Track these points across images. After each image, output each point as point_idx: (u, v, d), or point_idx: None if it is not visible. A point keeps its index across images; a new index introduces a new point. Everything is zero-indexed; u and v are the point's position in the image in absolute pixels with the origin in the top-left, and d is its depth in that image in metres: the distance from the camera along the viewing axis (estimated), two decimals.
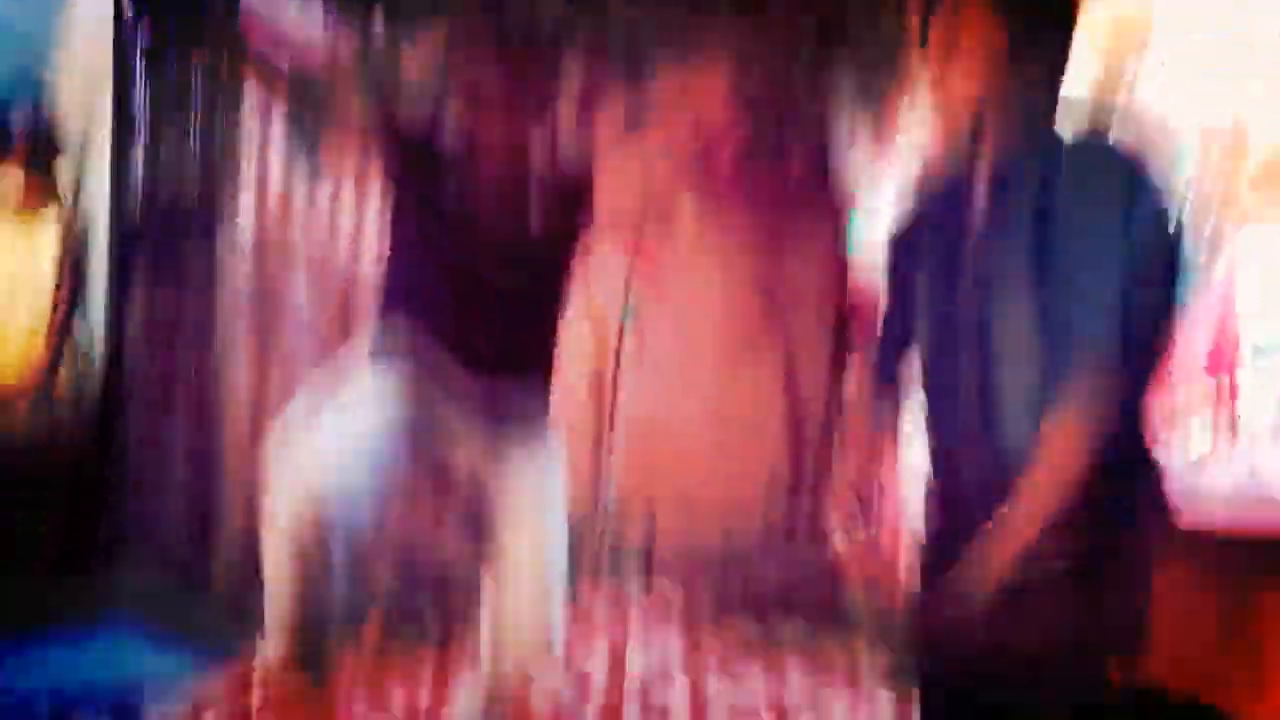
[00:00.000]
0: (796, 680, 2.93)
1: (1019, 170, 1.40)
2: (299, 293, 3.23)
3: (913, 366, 1.56)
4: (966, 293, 1.43)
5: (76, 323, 3.26)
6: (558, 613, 1.73)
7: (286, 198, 3.19)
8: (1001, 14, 1.42)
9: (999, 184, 1.42)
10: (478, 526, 1.77)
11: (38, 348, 3.14)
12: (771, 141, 3.42)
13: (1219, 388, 3.05)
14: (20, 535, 3.05)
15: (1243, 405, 3.02)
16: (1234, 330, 3.07)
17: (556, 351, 1.85)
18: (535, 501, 1.74)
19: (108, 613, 3.07)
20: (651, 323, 3.54)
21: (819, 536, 3.74)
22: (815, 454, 4.06)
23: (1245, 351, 3.10)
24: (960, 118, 1.46)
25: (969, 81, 1.43)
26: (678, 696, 2.76)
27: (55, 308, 3.15)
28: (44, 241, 3.19)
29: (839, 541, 1.89)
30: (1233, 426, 2.97)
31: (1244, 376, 3.04)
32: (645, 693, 2.79)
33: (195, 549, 3.12)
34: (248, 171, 3.15)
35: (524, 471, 1.75)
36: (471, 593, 1.79)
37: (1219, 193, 3.19)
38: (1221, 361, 3.06)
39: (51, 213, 3.23)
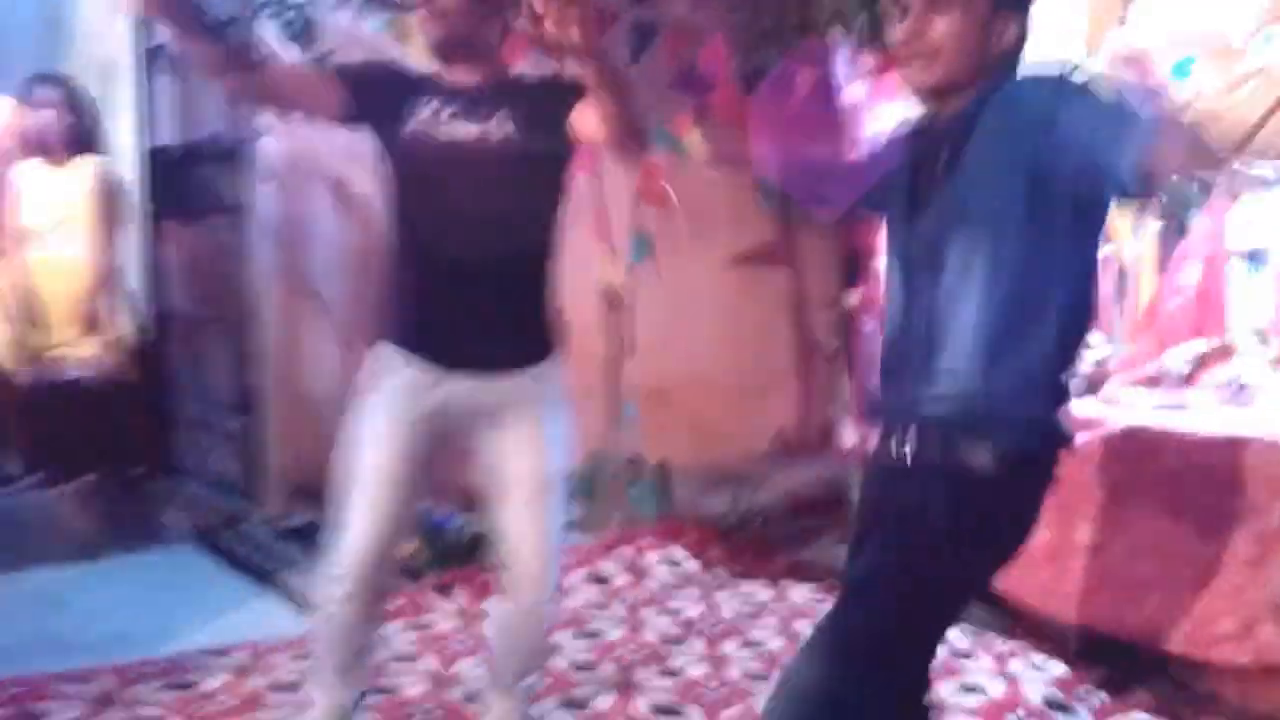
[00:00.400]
0: (803, 589, 3.10)
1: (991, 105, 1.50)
2: (326, 217, 3.34)
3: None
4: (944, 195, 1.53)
5: (118, 256, 3.39)
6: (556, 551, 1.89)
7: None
8: None
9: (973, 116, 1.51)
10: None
11: (87, 282, 3.28)
12: (773, 66, 3.47)
13: (1210, 304, 3.16)
14: (75, 461, 3.26)
15: (1231, 319, 3.13)
16: (1224, 246, 3.16)
17: (554, 307, 1.92)
18: (534, 441, 1.86)
19: (165, 536, 3.30)
20: (661, 249, 3.62)
21: (829, 445, 3.91)
22: (824, 362, 4.21)
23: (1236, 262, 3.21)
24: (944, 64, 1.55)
25: (948, 34, 1.51)
26: (692, 607, 2.95)
27: (99, 243, 3.28)
28: (82, 181, 3.30)
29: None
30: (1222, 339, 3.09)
31: (1234, 289, 3.15)
32: (662, 600, 2.99)
33: (241, 472, 3.31)
34: None
35: (526, 421, 1.86)
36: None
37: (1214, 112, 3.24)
38: (1213, 279, 3.16)
39: (87, 154, 3.33)
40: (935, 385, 1.48)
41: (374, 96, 1.83)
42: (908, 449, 1.50)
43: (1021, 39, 1.56)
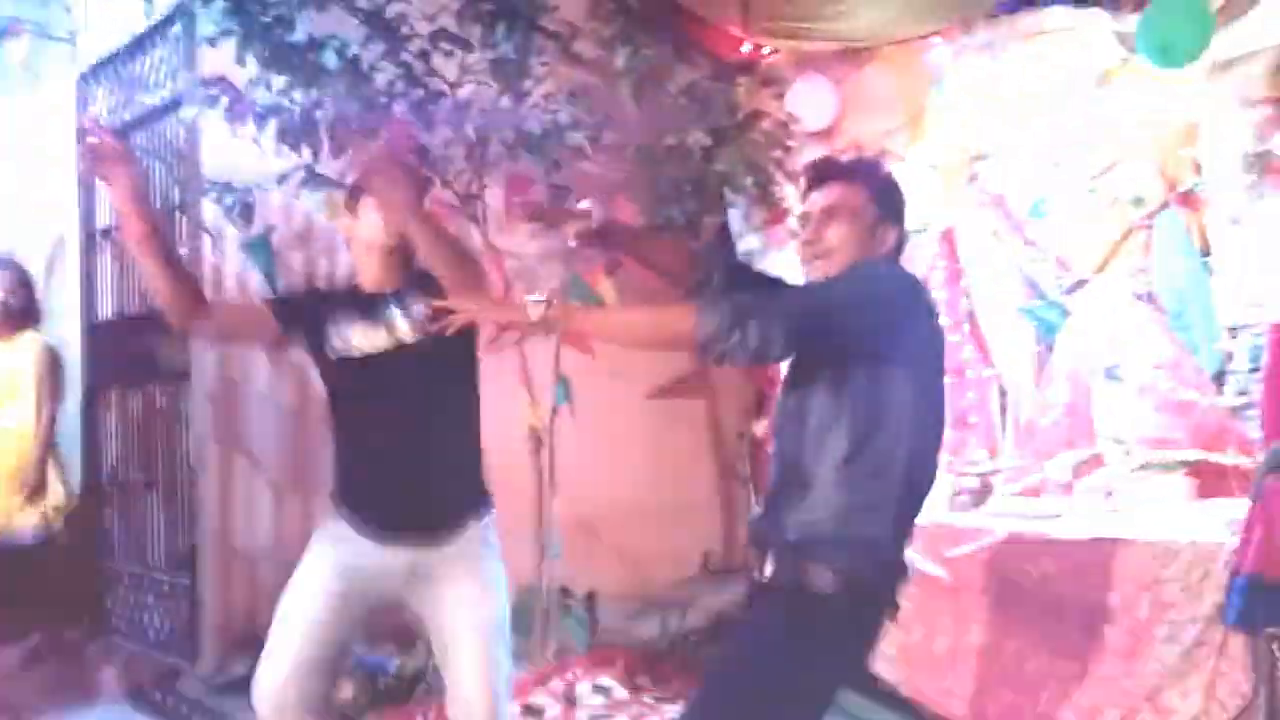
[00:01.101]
0: None
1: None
2: (260, 379, 3.51)
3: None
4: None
5: (56, 425, 3.53)
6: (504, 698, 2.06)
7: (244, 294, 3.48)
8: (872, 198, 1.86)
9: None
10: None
11: (25, 451, 3.40)
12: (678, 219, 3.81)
13: (1079, 417, 3.49)
14: (11, 618, 3.31)
15: (1099, 429, 3.45)
16: (1087, 374, 3.50)
17: (479, 465, 2.14)
18: (474, 595, 2.04)
19: (102, 696, 3.33)
20: (584, 385, 3.85)
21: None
22: (742, 488, 4.43)
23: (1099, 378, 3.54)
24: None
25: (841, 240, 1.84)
26: None
27: (38, 414, 3.42)
28: (24, 355, 3.46)
29: None
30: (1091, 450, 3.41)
31: (1097, 405, 3.47)
32: None
33: (178, 629, 3.37)
34: (208, 270, 3.41)
35: (460, 574, 2.04)
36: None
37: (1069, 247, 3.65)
38: (1079, 394, 3.50)
39: (30, 329, 3.50)
40: (794, 514, 1.73)
41: (300, 324, 2.08)
42: (767, 569, 1.73)
43: (901, 242, 1.89)
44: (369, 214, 2.05)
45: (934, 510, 3.19)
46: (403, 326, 2.02)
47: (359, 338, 2.03)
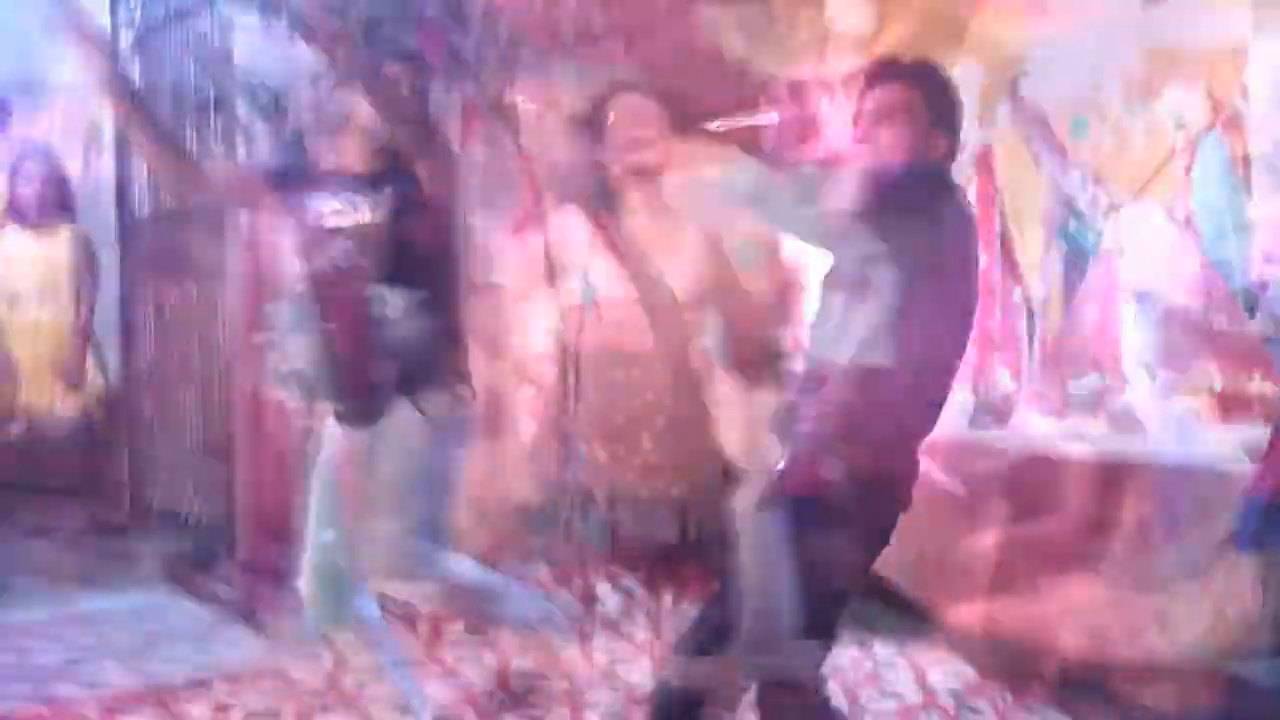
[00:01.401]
0: None
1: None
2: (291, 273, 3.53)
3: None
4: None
5: (93, 317, 3.60)
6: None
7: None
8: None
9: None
10: None
11: (65, 342, 3.49)
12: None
13: (1106, 340, 3.48)
14: (54, 504, 3.45)
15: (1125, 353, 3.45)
16: (1117, 298, 3.48)
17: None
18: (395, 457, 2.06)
19: (140, 578, 3.49)
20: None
21: None
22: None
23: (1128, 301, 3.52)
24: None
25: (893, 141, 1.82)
26: (641, 630, 3.19)
27: (76, 306, 3.50)
28: (61, 247, 3.51)
29: None
30: (1116, 372, 3.41)
31: (1125, 328, 3.46)
32: (613, 626, 3.23)
33: (213, 517, 3.50)
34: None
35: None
36: None
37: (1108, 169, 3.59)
38: (1106, 322, 3.48)
39: (66, 222, 3.55)
40: (807, 402, 1.76)
41: (285, 194, 2.15)
42: (781, 463, 1.77)
43: (951, 152, 1.87)
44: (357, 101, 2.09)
45: (956, 427, 3.23)
46: (365, 209, 2.03)
47: (328, 212, 2.06)
